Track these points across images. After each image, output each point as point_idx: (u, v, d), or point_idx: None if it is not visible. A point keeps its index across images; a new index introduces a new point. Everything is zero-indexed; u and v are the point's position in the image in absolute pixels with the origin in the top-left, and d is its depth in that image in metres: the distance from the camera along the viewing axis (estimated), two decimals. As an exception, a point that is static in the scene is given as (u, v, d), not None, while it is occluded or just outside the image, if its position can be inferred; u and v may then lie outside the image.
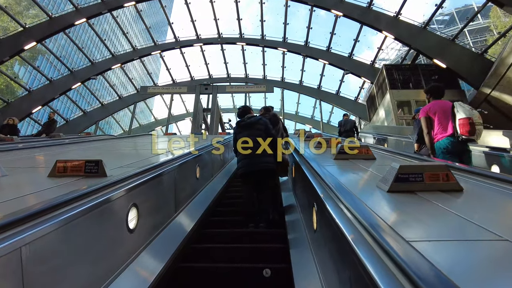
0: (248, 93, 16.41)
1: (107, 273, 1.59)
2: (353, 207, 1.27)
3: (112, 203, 1.70)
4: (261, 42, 16.70)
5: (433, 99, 3.72)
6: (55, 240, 1.26)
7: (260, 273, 2.19)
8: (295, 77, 18.59)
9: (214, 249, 2.71)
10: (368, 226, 1.06)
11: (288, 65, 18.05)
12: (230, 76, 18.82)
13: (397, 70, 12.41)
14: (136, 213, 1.94)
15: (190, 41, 17.33)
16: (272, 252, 2.59)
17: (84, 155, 4.17)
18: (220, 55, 18.11)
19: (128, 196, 1.88)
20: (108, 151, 4.61)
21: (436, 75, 12.05)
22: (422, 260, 0.81)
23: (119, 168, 2.52)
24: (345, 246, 1.13)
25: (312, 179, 2.09)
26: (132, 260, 1.84)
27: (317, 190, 1.82)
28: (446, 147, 3.41)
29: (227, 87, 13.03)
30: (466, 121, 3.33)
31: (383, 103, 12.48)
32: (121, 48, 19.12)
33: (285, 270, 2.14)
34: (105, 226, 1.63)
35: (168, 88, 14.16)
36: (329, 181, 1.77)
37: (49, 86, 16.20)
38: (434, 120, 3.57)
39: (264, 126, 3.56)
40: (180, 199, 3.00)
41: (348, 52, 15.72)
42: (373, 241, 0.97)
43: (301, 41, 16.43)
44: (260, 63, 18.36)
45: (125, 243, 1.82)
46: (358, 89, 18.02)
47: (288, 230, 2.85)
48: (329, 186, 1.70)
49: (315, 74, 18.40)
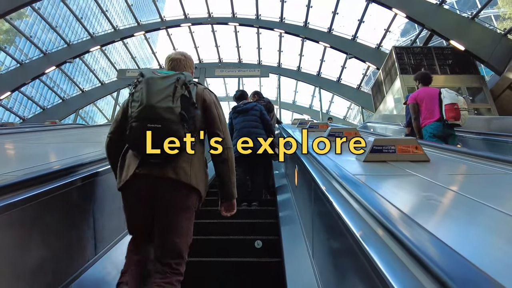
0: (241, 79, 14.86)
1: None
2: (334, 169, 1.44)
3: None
4: (256, 23, 15.10)
5: (422, 85, 3.94)
6: None
7: (252, 243, 2.37)
8: (293, 62, 17.09)
9: (210, 224, 2.82)
10: (341, 181, 1.26)
11: (285, 49, 16.52)
12: (222, 61, 17.21)
13: (408, 53, 11.02)
14: None
15: (177, 21, 15.65)
16: (264, 226, 2.78)
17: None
18: (211, 37, 16.50)
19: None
20: (33, 145, 3.23)
21: (452, 59, 10.72)
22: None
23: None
24: (321, 197, 1.39)
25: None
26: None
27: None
28: (433, 131, 3.61)
29: (216, 71, 11.55)
30: (451, 106, 3.52)
31: (391, 90, 11.12)
32: (100, 29, 17.38)
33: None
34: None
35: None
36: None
37: (20, 69, 14.51)
38: (422, 106, 3.78)
39: (259, 112, 3.71)
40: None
41: (351, 34, 14.25)
42: (343, 189, 1.20)
43: (300, 21, 14.88)
44: (255, 47, 16.78)
45: None
46: (361, 76, 16.67)
47: (279, 207, 3.11)
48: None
49: (314, 59, 16.88)
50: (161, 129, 1.35)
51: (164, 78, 1.44)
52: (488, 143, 4.04)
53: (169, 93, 1.39)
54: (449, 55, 10.78)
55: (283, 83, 17.41)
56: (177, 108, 1.38)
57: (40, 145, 3.24)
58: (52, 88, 18.20)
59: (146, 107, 1.36)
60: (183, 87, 1.44)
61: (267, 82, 19.49)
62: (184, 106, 1.41)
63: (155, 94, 1.38)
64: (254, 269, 2.11)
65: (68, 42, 15.48)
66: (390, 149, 1.78)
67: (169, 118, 1.36)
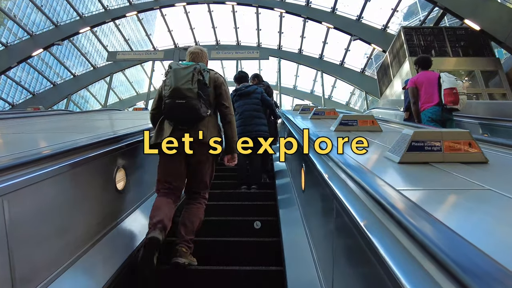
0: (240, 62, 14.09)
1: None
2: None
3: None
4: (255, 2, 14.18)
5: (421, 70, 3.95)
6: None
7: (251, 224, 2.46)
8: (294, 45, 16.26)
9: (212, 206, 2.73)
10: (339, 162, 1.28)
11: (286, 30, 15.64)
12: (219, 43, 16.38)
13: (417, 34, 10.25)
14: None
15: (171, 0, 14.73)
16: (263, 207, 2.89)
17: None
18: (208, 18, 15.60)
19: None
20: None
21: (465, 40, 10.00)
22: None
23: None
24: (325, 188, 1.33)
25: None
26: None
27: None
28: (432, 115, 3.61)
29: (212, 52, 10.81)
30: (450, 91, 3.52)
31: (399, 73, 10.44)
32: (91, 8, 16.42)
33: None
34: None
35: (141, 54, 11.83)
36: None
37: (4, 52, 13.72)
38: (421, 90, 3.76)
39: (261, 95, 3.78)
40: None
41: (356, 14, 13.40)
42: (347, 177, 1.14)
43: (302, 0, 13.98)
44: (254, 28, 15.91)
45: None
46: (365, 59, 15.89)
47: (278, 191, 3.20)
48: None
49: (317, 42, 16.06)
50: (184, 103, 1.93)
51: (185, 68, 2.02)
52: (486, 128, 4.05)
53: (188, 78, 1.97)
54: (462, 36, 10.04)
55: (284, 67, 16.66)
56: (195, 89, 1.96)
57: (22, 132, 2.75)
58: (43, 72, 17.37)
59: (174, 89, 1.95)
60: (199, 74, 2.01)
61: (266, 65, 18.71)
62: (200, 87, 1.98)
63: (179, 80, 1.96)
64: (254, 248, 2.17)
65: (55, 23, 14.59)
66: (434, 147, 1.31)
67: (189, 96, 1.95)
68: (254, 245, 2.17)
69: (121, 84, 20.79)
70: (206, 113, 2.00)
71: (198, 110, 1.94)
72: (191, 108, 1.93)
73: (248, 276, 1.87)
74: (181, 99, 1.92)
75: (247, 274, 1.87)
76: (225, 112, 2.17)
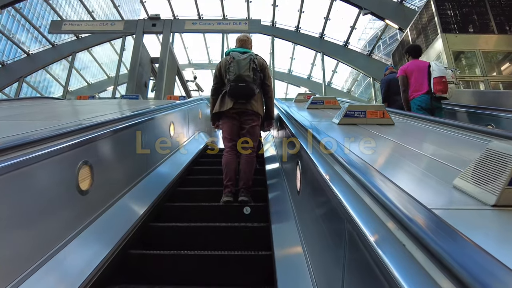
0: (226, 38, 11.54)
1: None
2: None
3: None
4: (244, -36, 11.58)
5: (411, 58, 4.07)
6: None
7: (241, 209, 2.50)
8: (291, 21, 13.81)
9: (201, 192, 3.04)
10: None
11: (281, 2, 13.14)
12: (202, 17, 13.73)
13: (452, 4, 7.99)
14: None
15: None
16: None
17: None
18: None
19: None
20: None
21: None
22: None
23: None
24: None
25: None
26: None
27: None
28: (421, 103, 3.71)
29: (186, 23, 8.29)
30: (440, 79, 3.58)
31: (427, 54, 8.22)
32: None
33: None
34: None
35: (94, 25, 9.17)
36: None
37: None
38: (411, 79, 3.87)
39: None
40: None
41: (368, -18, 11.01)
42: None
43: (302, -36, 11.46)
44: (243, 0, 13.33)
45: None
46: (373, 39, 13.60)
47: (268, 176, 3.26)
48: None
49: (317, 17, 13.62)
50: (245, 86, 2.71)
51: (244, 59, 2.74)
52: (472, 116, 3.97)
53: (247, 67, 2.71)
54: (509, 6, 7.84)
55: (278, 47, 14.24)
56: (251, 75, 2.73)
57: None
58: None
59: (238, 75, 2.70)
60: (253, 61, 2.76)
61: (258, 45, 16.24)
62: (254, 73, 2.75)
63: (241, 68, 2.70)
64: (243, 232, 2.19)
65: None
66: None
67: (248, 81, 2.71)
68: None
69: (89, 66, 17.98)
70: (256, 91, 2.77)
71: (253, 90, 2.73)
72: (249, 89, 2.71)
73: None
74: (242, 83, 2.69)
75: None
76: (267, 89, 2.92)
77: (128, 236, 1.97)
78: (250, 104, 2.75)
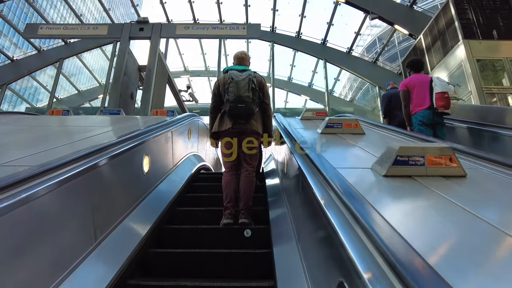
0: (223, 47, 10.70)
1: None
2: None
3: None
4: (242, -34, 10.82)
5: (413, 72, 3.97)
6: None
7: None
8: (291, 26, 13.04)
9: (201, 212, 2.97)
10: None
11: (281, 7, 12.37)
12: (197, 21, 12.94)
13: (474, 6, 7.21)
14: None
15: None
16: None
17: None
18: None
19: None
20: None
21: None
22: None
23: None
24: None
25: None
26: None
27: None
28: (423, 119, 3.63)
29: (178, 28, 7.42)
30: (442, 95, 3.53)
31: (444, 62, 7.42)
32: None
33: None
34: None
35: (74, 29, 8.29)
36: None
37: None
38: (413, 93, 3.78)
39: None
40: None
41: (375, -15, 10.27)
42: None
43: (304, -34, 10.73)
44: (241, 3, 12.56)
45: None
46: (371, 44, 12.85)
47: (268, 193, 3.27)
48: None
49: (320, 23, 12.85)
50: (244, 107, 2.67)
51: (243, 79, 2.71)
52: (474, 132, 3.94)
53: (247, 88, 2.68)
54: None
55: (278, 54, 13.43)
56: (250, 95, 2.69)
57: None
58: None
59: (237, 96, 2.66)
60: (252, 81, 2.72)
61: (257, 53, 15.44)
62: (253, 93, 2.72)
63: (241, 89, 2.67)
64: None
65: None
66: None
67: (247, 101, 2.67)
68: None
69: (80, 72, 17.11)
70: (256, 111, 2.76)
71: (253, 110, 2.72)
72: (248, 109, 2.69)
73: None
74: (241, 104, 2.66)
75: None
76: (265, 108, 2.89)
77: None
78: (249, 124, 2.76)
